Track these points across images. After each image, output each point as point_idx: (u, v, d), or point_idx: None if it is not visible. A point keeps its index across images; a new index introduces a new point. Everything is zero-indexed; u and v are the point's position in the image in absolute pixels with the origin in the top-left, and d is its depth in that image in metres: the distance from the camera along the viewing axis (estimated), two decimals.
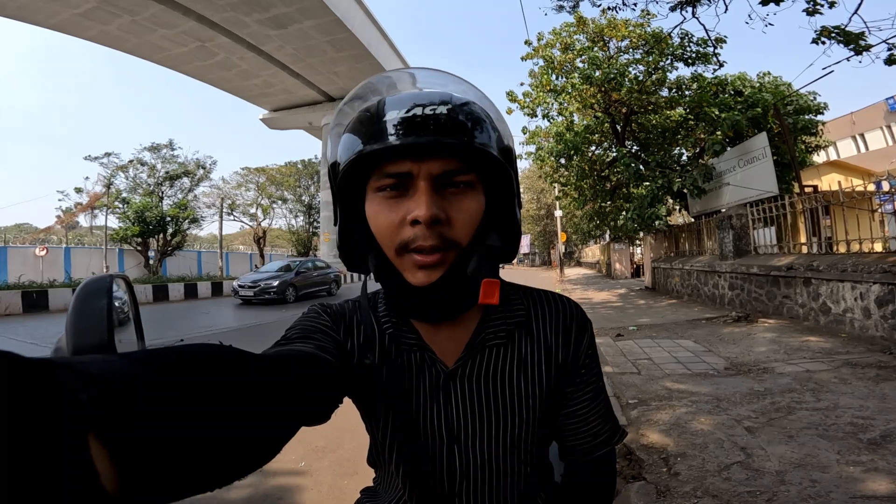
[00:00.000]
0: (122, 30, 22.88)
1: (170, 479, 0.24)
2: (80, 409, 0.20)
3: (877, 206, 6.33)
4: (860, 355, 4.13)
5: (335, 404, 0.49)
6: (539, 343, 0.65)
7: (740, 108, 10.02)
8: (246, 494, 2.34)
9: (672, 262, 11.11)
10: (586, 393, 0.67)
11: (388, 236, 0.55)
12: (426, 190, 0.53)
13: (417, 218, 0.52)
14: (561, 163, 12.34)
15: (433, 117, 0.52)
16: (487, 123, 0.57)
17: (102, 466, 0.20)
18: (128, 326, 0.71)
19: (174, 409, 0.25)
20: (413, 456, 0.62)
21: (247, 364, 0.34)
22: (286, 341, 0.55)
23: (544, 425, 0.65)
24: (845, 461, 2.19)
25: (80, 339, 0.53)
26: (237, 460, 0.30)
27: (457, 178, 0.55)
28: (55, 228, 33.94)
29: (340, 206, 0.61)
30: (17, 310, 11.87)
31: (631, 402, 3.31)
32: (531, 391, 0.63)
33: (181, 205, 25.59)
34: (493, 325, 0.64)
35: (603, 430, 0.68)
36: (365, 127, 0.54)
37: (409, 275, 0.56)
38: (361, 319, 0.65)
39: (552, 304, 0.68)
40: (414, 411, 0.62)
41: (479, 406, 0.62)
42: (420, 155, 0.53)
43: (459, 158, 0.54)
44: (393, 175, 0.54)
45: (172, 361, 0.28)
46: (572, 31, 11.53)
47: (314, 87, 30.55)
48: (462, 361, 0.62)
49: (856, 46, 6.54)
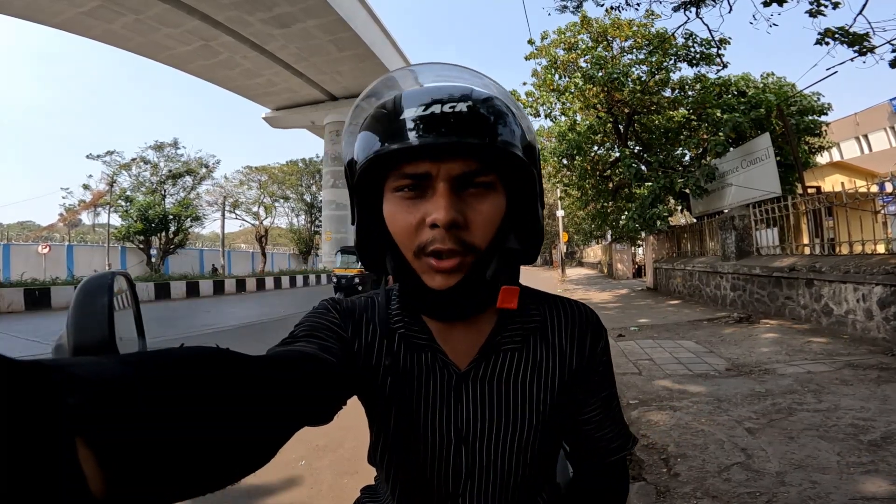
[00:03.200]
0: (127, 28, 22.95)
1: (160, 482, 0.24)
2: (69, 412, 0.20)
3: (880, 208, 6.32)
4: (862, 357, 4.12)
5: (338, 405, 0.48)
6: (554, 349, 0.65)
7: (743, 109, 9.98)
8: (246, 493, 2.35)
9: (674, 262, 11.09)
10: (599, 399, 0.67)
11: (406, 238, 0.54)
12: (445, 192, 0.51)
13: (436, 221, 0.51)
14: (563, 163, 12.34)
15: (453, 115, 0.50)
16: (511, 119, 0.55)
17: (90, 470, 0.20)
18: (129, 324, 0.71)
19: (166, 414, 0.25)
20: (406, 465, 0.62)
21: (243, 368, 0.34)
22: (292, 339, 0.55)
23: (554, 430, 0.65)
24: (846, 462, 2.19)
25: (81, 336, 0.53)
26: (230, 464, 0.30)
27: (478, 180, 0.53)
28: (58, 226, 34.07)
29: (358, 204, 0.60)
30: (20, 307, 11.95)
31: (632, 402, 3.31)
32: (543, 396, 0.63)
33: (184, 203, 25.68)
34: (509, 330, 0.64)
35: (616, 436, 0.68)
36: (382, 125, 0.53)
37: (426, 277, 0.55)
38: (371, 318, 0.65)
39: (568, 311, 0.68)
40: (421, 413, 0.61)
41: (490, 408, 0.62)
42: (439, 155, 0.51)
43: (480, 158, 0.52)
44: (411, 176, 0.52)
45: (167, 365, 0.28)
46: (577, 30, 11.52)
47: (317, 86, 30.58)
48: (475, 364, 0.62)
49: (860, 47, 6.51)
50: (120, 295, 0.65)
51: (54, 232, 34.78)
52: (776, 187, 8.08)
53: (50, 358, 0.23)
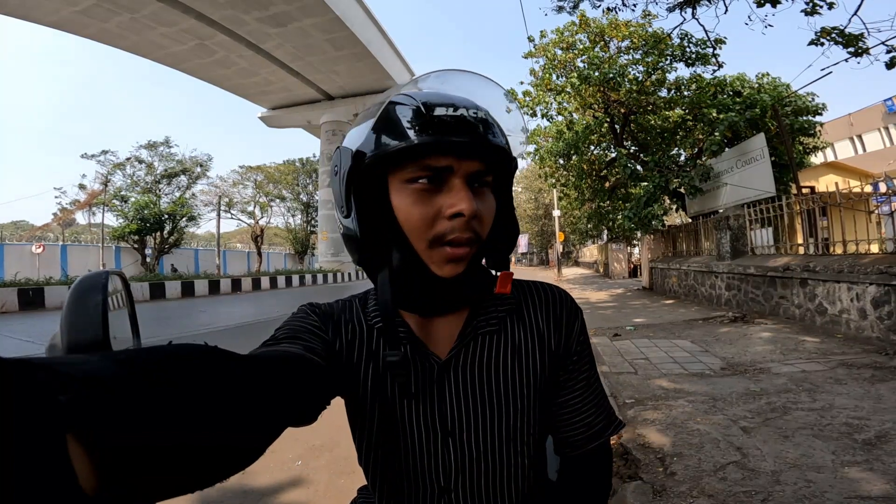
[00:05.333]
0: (122, 27, 22.83)
1: (151, 479, 0.24)
2: (58, 410, 0.20)
3: (874, 208, 6.35)
4: (856, 356, 4.15)
5: (322, 405, 0.49)
6: (532, 330, 0.66)
7: (739, 109, 10.03)
8: (242, 493, 2.34)
9: (669, 262, 11.14)
10: (579, 381, 0.68)
11: (422, 228, 0.56)
12: (466, 186, 0.56)
13: (461, 212, 0.54)
14: (560, 162, 12.36)
15: (478, 119, 0.56)
16: (500, 129, 0.61)
17: (81, 467, 0.20)
18: (123, 323, 0.71)
19: (155, 410, 0.25)
20: (393, 462, 0.63)
21: (232, 364, 0.34)
22: (274, 341, 0.55)
23: (539, 415, 0.65)
24: (840, 461, 2.20)
25: (75, 335, 0.52)
26: (220, 461, 0.30)
27: (484, 178, 0.58)
28: (52, 226, 33.85)
29: (362, 199, 0.58)
30: (14, 307, 11.86)
31: (628, 401, 3.32)
32: (525, 379, 0.64)
33: (179, 202, 25.57)
34: (485, 313, 0.65)
35: (597, 420, 0.68)
36: (410, 121, 0.55)
37: (436, 267, 0.58)
38: (349, 318, 0.66)
39: (542, 292, 0.70)
40: (405, 407, 0.62)
41: (474, 396, 0.62)
42: (463, 152, 0.55)
43: (487, 160, 0.58)
44: (433, 169, 0.55)
45: (156, 362, 0.28)
46: (575, 30, 11.54)
47: (313, 85, 30.51)
48: (455, 351, 0.63)
49: (855, 48, 6.55)
50: (114, 294, 0.64)
51: (48, 231, 34.55)
52: (771, 187, 8.12)
53: (38, 356, 0.23)
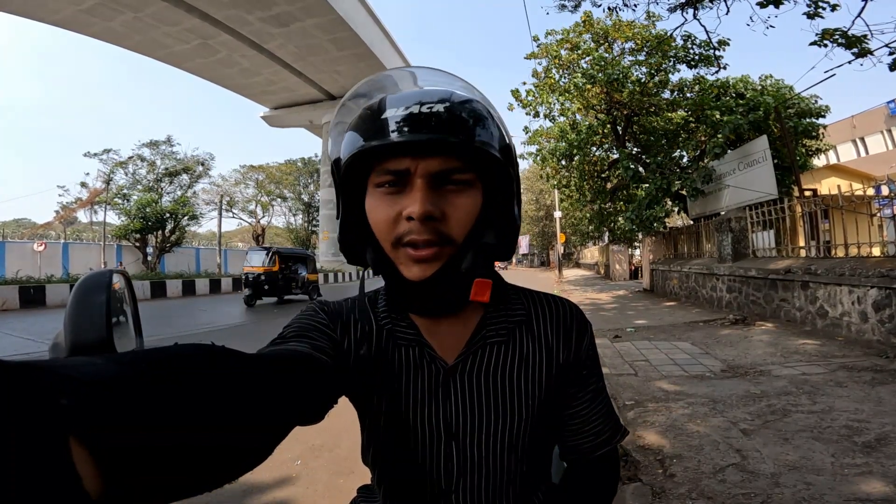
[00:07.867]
0: (125, 26, 22.89)
1: (156, 481, 0.24)
2: (62, 413, 0.20)
3: (876, 211, 6.33)
4: (856, 359, 4.14)
5: (329, 404, 0.49)
6: (540, 342, 0.66)
7: (742, 111, 10.00)
8: (241, 493, 2.34)
9: (670, 264, 11.13)
10: (587, 393, 0.68)
11: (385, 230, 0.57)
12: (422, 187, 0.54)
13: (411, 214, 0.53)
14: (562, 163, 12.34)
15: (433, 115, 0.53)
16: (489, 121, 0.57)
17: (85, 470, 0.20)
18: (126, 323, 0.71)
19: (161, 413, 0.25)
20: (397, 462, 0.63)
21: (239, 364, 0.34)
22: (282, 339, 0.55)
23: (543, 425, 0.65)
24: (840, 464, 2.20)
25: (79, 334, 0.52)
26: (227, 463, 0.30)
27: (455, 177, 0.55)
28: (54, 224, 33.90)
29: (343, 201, 0.63)
30: (15, 305, 11.88)
31: (628, 403, 3.32)
32: (531, 390, 0.64)
33: (181, 201, 25.59)
34: (495, 323, 0.65)
35: (604, 429, 0.68)
36: (366, 124, 0.55)
37: (404, 268, 0.57)
38: (359, 317, 0.66)
39: (552, 305, 0.69)
40: (410, 408, 0.62)
41: (479, 403, 0.62)
42: (419, 152, 0.54)
43: (459, 156, 0.55)
44: (392, 172, 0.55)
45: (161, 363, 0.27)
46: (580, 30, 11.54)
47: (315, 85, 30.54)
48: (462, 358, 0.63)
49: (858, 50, 6.53)
50: (118, 293, 0.64)
51: (50, 230, 34.62)
52: (773, 189, 8.11)
53: (42, 359, 0.23)
